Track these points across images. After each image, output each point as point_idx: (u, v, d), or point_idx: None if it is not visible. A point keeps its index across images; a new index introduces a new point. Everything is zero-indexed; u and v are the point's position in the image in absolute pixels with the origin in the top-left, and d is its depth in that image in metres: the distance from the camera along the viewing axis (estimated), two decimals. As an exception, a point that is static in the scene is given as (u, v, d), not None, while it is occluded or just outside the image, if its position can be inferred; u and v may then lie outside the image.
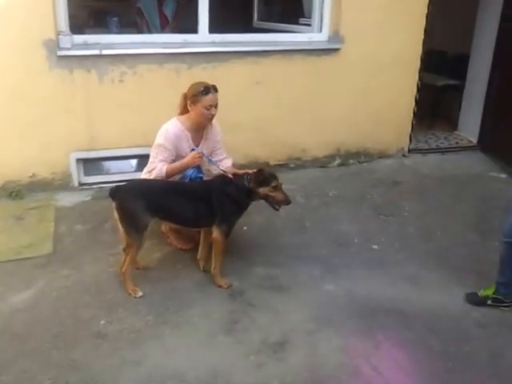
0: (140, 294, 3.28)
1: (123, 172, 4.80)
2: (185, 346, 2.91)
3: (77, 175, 4.61)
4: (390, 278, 3.58)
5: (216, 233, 3.31)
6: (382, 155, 5.56)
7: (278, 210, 3.43)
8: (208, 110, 3.47)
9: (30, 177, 4.46)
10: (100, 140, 4.56)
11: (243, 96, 4.82)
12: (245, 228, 4.10)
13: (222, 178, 3.43)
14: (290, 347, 2.92)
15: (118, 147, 4.63)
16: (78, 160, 4.59)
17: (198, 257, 3.57)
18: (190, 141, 3.60)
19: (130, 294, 3.28)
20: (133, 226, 3.17)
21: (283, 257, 3.78)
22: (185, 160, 3.50)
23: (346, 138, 5.35)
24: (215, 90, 3.51)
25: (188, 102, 3.50)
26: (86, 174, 4.71)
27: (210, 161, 3.62)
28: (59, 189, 4.58)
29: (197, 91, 3.46)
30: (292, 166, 5.27)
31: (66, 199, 4.47)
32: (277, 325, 3.10)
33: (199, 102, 3.44)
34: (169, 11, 6.21)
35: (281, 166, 5.17)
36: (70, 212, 4.29)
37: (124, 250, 3.30)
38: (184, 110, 3.58)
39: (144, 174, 3.62)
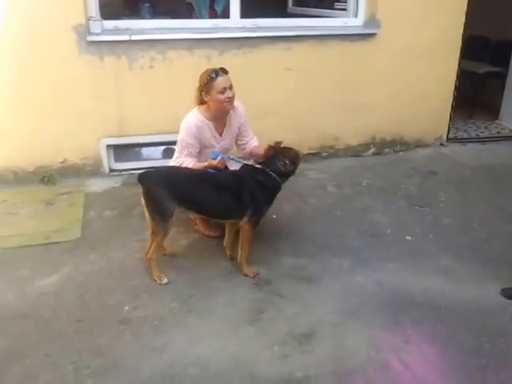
0: (165, 280, 3.24)
1: (153, 159, 4.78)
2: (208, 335, 2.84)
3: (107, 161, 4.62)
4: (422, 271, 3.42)
5: (244, 222, 3.24)
6: (419, 144, 5.38)
7: None
8: (223, 93, 3.34)
9: (61, 162, 4.48)
10: (130, 126, 4.54)
11: (274, 82, 4.72)
12: (274, 216, 4.01)
13: (253, 167, 3.35)
14: (316, 339, 2.82)
15: (148, 133, 4.61)
16: (109, 146, 4.59)
17: (225, 244, 3.51)
18: (213, 130, 3.52)
19: (155, 280, 3.24)
20: (158, 212, 3.13)
21: (313, 247, 3.68)
22: (207, 164, 3.34)
23: (381, 125, 5.19)
24: (224, 71, 3.37)
25: (202, 93, 3.41)
26: (117, 160, 4.72)
27: (233, 160, 3.51)
28: (90, 175, 4.60)
29: (206, 79, 3.35)
30: (324, 154, 5.15)
31: (96, 185, 4.49)
32: (303, 316, 3.00)
33: (212, 88, 3.34)
34: (219, 7, 6.12)
35: (313, 154, 5.06)
36: (100, 198, 4.29)
37: (151, 235, 3.26)
38: (202, 102, 3.50)
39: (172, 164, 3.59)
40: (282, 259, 3.52)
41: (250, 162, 3.44)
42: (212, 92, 3.35)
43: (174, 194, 3.11)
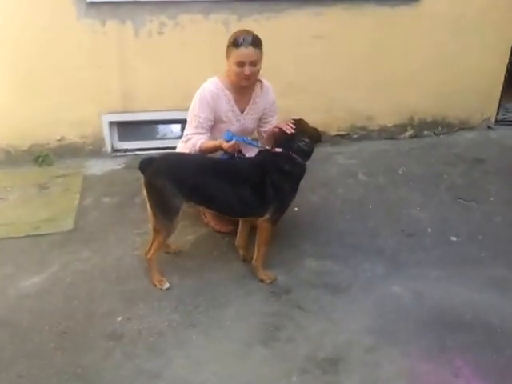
0: (166, 285, 2.78)
1: (162, 138, 4.29)
2: (213, 358, 2.38)
3: (109, 140, 4.19)
4: (471, 281, 2.90)
5: (265, 220, 2.74)
6: (464, 126, 4.80)
7: None
8: (239, 67, 2.80)
9: (59, 140, 4.06)
10: (135, 101, 4.09)
11: (300, 53, 4.18)
12: (296, 209, 3.48)
13: (273, 152, 2.79)
14: (343, 367, 2.34)
15: (157, 110, 4.12)
16: (112, 123, 4.16)
17: (237, 243, 3.02)
18: (232, 102, 2.98)
19: (154, 284, 2.79)
20: (161, 209, 2.64)
21: (341, 247, 3.17)
22: (218, 143, 2.82)
23: (420, 104, 4.64)
24: (252, 43, 2.77)
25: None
26: (121, 138, 4.26)
27: (250, 144, 2.91)
28: (90, 155, 4.16)
29: (230, 41, 2.82)
30: (355, 136, 4.63)
31: (97, 167, 4.03)
32: (328, 335, 2.51)
33: (230, 55, 2.81)
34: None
35: (342, 136, 4.57)
36: (99, 182, 3.83)
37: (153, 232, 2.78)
38: None
39: (180, 144, 3.07)
40: (305, 262, 3.03)
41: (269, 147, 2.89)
42: (230, 59, 2.83)
43: (181, 187, 2.61)
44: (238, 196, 2.67)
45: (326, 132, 4.42)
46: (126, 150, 4.26)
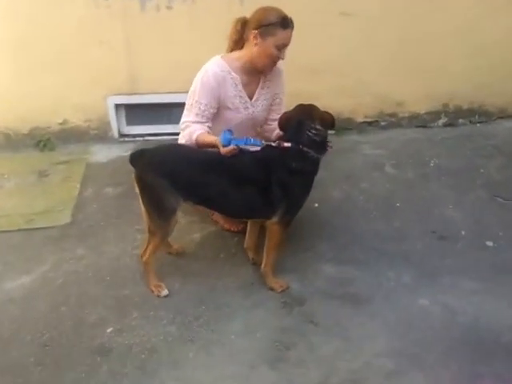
0: (164, 292, 2.51)
1: (174, 123, 3.96)
2: (211, 381, 2.09)
3: (116, 124, 3.90)
4: (510, 295, 2.53)
5: (273, 222, 2.42)
6: (503, 115, 4.33)
7: None
8: (279, 50, 2.48)
9: (61, 124, 3.80)
10: (144, 82, 3.78)
11: (324, 31, 3.76)
12: (316, 205, 3.16)
13: (280, 147, 2.39)
14: (360, 397, 2.03)
15: (167, 92, 3.79)
16: (118, 106, 3.87)
17: (246, 245, 2.72)
18: (240, 87, 2.63)
19: (151, 291, 2.50)
20: (155, 208, 2.35)
21: (363, 251, 2.83)
22: (216, 141, 2.39)
23: (456, 89, 4.17)
24: (292, 25, 2.50)
25: (253, 32, 2.48)
26: (129, 123, 3.95)
27: (254, 145, 2.42)
28: (95, 140, 3.90)
29: (272, 20, 2.44)
30: (383, 124, 4.22)
31: (102, 153, 3.76)
32: (344, 357, 2.20)
33: (272, 36, 2.44)
34: None
35: (369, 123, 4.17)
36: (103, 170, 3.57)
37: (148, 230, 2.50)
38: (236, 45, 2.61)
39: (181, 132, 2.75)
40: (322, 268, 2.70)
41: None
42: (269, 40, 2.45)
43: (177, 184, 2.30)
44: (241, 196, 2.35)
45: (352, 119, 4.08)
46: (134, 136, 3.97)
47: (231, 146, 2.30)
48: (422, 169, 3.63)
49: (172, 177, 2.28)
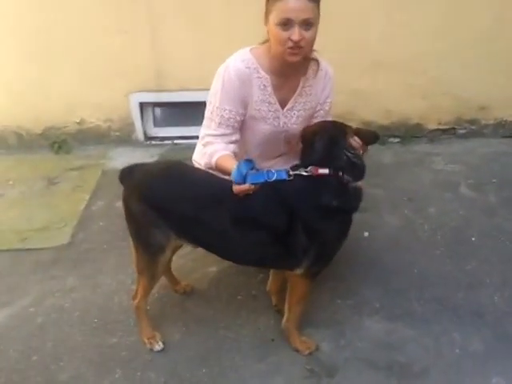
0: (158, 347, 1.99)
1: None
2: None
3: (141, 125, 3.48)
4: None
5: (297, 275, 1.83)
6: None
7: None
8: (284, 29, 1.79)
9: (78, 123, 3.45)
10: (173, 77, 3.37)
11: (386, 20, 3.20)
12: (366, 234, 2.53)
13: (312, 176, 1.74)
14: None
15: (200, 89, 3.24)
16: (144, 104, 3.44)
17: (268, 288, 2.17)
18: (270, 90, 1.99)
19: (144, 342, 1.97)
20: (141, 242, 1.82)
21: (420, 301, 2.20)
22: (233, 170, 1.73)
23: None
24: None
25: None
26: (157, 124, 3.50)
27: (272, 179, 1.69)
28: (117, 142, 3.53)
29: None
30: (462, 132, 3.61)
31: (123, 158, 3.31)
32: None
33: (271, 12, 1.81)
34: None
35: (443, 131, 3.58)
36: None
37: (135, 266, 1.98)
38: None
39: (198, 145, 2.18)
40: (364, 323, 2.10)
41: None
42: (271, 19, 1.82)
43: (168, 218, 1.75)
44: (248, 242, 1.74)
45: (422, 125, 3.53)
46: (163, 138, 3.53)
47: (246, 185, 1.66)
48: (508, 191, 2.94)
49: (162, 207, 1.73)
